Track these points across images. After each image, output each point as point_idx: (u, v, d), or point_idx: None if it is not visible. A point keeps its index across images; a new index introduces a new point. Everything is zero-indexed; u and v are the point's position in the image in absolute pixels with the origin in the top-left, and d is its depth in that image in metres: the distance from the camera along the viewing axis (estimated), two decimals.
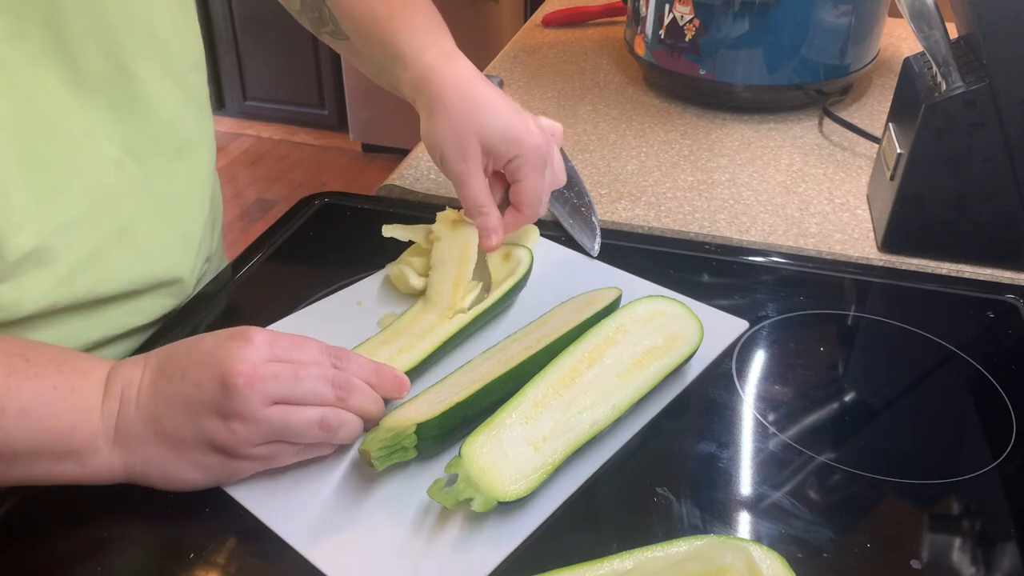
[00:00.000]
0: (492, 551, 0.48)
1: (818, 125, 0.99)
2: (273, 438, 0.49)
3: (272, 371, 0.48)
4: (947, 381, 0.62)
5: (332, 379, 0.51)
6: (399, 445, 0.50)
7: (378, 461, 0.49)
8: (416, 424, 0.50)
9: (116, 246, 0.60)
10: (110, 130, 0.59)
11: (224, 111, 3.37)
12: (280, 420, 0.48)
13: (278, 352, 0.50)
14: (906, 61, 0.77)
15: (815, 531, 0.49)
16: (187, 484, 0.50)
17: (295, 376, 0.49)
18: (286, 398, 0.49)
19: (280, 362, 0.49)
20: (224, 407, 0.47)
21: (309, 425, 0.50)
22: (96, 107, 0.57)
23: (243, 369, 0.47)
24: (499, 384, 0.54)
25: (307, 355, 0.51)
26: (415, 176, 0.89)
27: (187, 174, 0.67)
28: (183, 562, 0.48)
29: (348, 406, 0.51)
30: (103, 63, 0.57)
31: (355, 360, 0.53)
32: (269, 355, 0.49)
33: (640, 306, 0.60)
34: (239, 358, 0.48)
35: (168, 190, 0.64)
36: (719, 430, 0.57)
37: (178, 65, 0.63)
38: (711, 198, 0.84)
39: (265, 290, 0.71)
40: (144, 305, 0.65)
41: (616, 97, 1.06)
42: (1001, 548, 0.49)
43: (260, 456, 0.50)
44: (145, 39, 0.59)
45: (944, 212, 0.72)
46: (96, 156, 0.58)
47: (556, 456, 0.50)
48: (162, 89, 0.62)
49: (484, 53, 1.29)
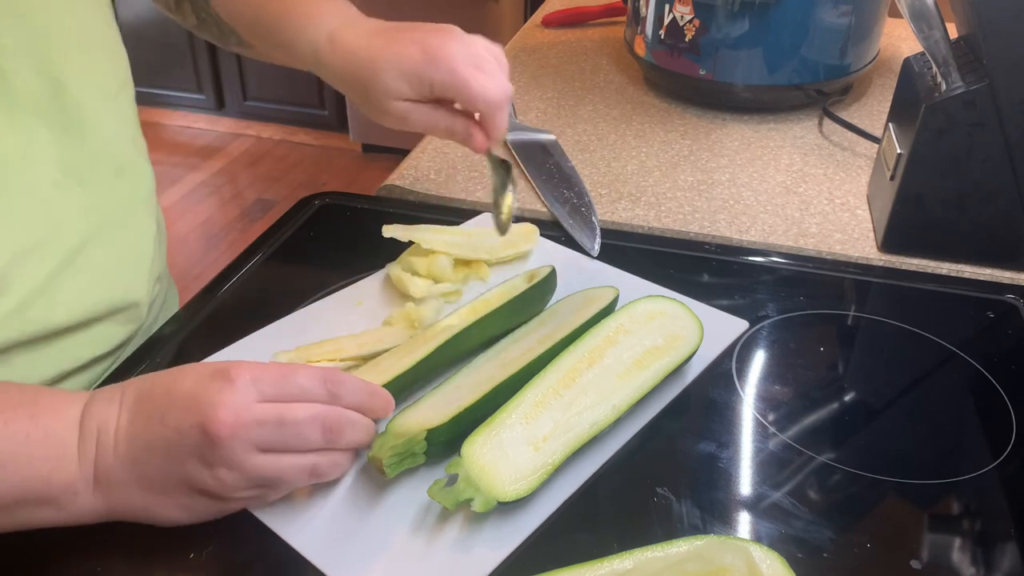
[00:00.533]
0: (492, 551, 0.48)
1: (818, 125, 0.99)
2: (260, 484, 0.47)
3: (256, 417, 0.45)
4: (947, 381, 0.62)
5: (322, 421, 0.47)
6: (410, 451, 0.49)
7: (390, 468, 0.48)
8: (427, 430, 0.50)
9: (67, 273, 0.58)
10: (47, 152, 0.56)
11: (224, 111, 3.37)
12: (267, 469, 0.46)
13: (263, 390, 0.46)
14: (906, 61, 0.77)
15: (815, 531, 0.49)
16: (173, 523, 0.48)
17: (280, 423, 0.46)
18: (271, 445, 0.46)
19: (266, 402, 0.46)
20: (207, 456, 0.45)
21: (299, 473, 0.48)
22: (31, 128, 0.55)
23: (224, 417, 0.44)
24: (507, 387, 0.54)
25: (296, 388, 0.48)
26: (415, 176, 0.89)
27: (129, 195, 0.65)
28: (183, 562, 0.48)
29: (339, 447, 0.49)
30: (37, 82, 0.55)
31: (348, 384, 0.49)
32: (254, 396, 0.46)
33: (640, 306, 0.60)
34: (220, 403, 0.45)
35: (113, 212, 0.63)
36: (719, 430, 0.57)
37: (109, 84, 0.62)
38: (711, 198, 0.84)
39: (265, 290, 0.71)
40: (100, 334, 0.62)
41: (616, 97, 1.06)
42: (1001, 548, 0.49)
43: (248, 498, 0.48)
44: (79, 56, 0.58)
45: (944, 212, 0.72)
46: (35, 180, 0.56)
47: (556, 456, 0.50)
48: (98, 108, 0.60)
49: None
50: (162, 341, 0.65)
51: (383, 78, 0.63)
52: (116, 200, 0.63)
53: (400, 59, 0.62)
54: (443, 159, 0.91)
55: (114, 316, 0.63)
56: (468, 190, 0.86)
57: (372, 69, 0.63)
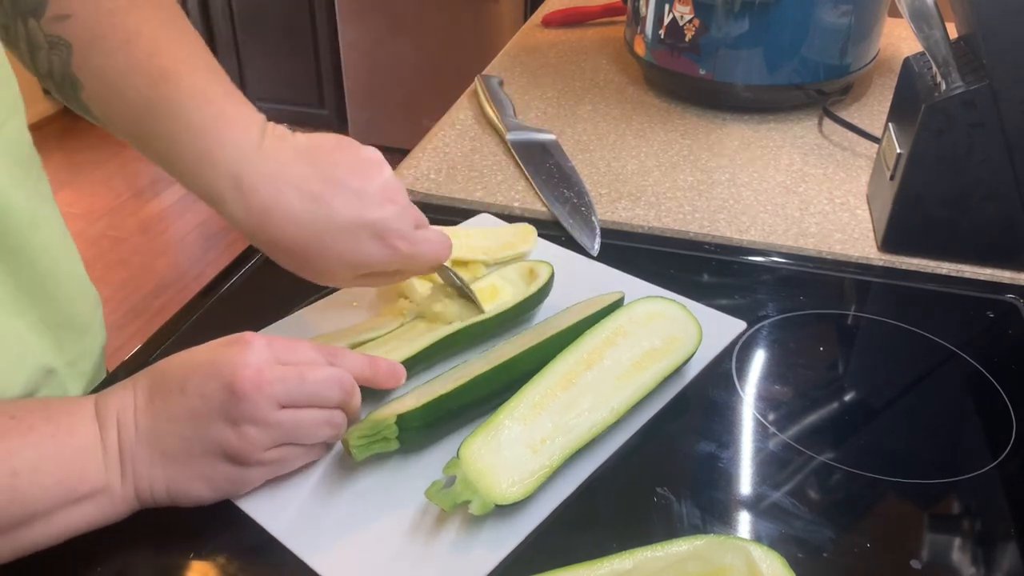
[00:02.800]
0: (490, 552, 0.48)
1: (818, 125, 0.99)
2: (283, 440, 0.49)
3: (277, 374, 0.48)
4: (947, 381, 0.62)
5: (339, 380, 0.50)
6: (380, 435, 0.50)
7: (357, 450, 0.49)
8: (397, 415, 0.50)
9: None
10: None
11: None
12: (290, 422, 0.48)
13: (278, 354, 0.49)
14: (906, 61, 0.77)
15: (815, 531, 0.49)
16: (195, 500, 0.49)
17: (301, 378, 0.49)
18: (293, 401, 0.48)
19: (282, 364, 0.49)
20: (233, 413, 0.47)
21: (320, 425, 0.50)
22: None
23: (248, 374, 0.47)
24: (485, 379, 0.54)
25: (304, 356, 0.50)
26: (415, 176, 0.89)
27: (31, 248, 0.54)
28: (183, 562, 0.48)
29: (351, 407, 0.52)
30: None
31: (348, 357, 0.53)
32: (270, 358, 0.48)
33: (638, 307, 0.60)
34: (242, 363, 0.47)
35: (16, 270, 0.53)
36: (719, 430, 0.57)
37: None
38: (711, 198, 0.84)
39: (264, 290, 0.71)
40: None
41: (616, 97, 1.06)
42: (1001, 548, 0.49)
43: (270, 460, 0.49)
44: None
45: (944, 212, 0.72)
46: None
47: (554, 459, 0.50)
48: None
49: (484, 53, 1.29)
50: (162, 341, 0.65)
51: (320, 267, 0.54)
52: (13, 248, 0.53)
53: (355, 255, 0.54)
54: (443, 159, 0.91)
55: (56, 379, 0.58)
56: (467, 190, 0.86)
57: (317, 250, 0.53)
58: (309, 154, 0.54)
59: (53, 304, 0.57)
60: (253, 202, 0.52)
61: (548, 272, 0.66)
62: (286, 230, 0.52)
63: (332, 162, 0.54)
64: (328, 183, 0.52)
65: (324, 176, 0.53)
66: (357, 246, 0.53)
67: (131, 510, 0.48)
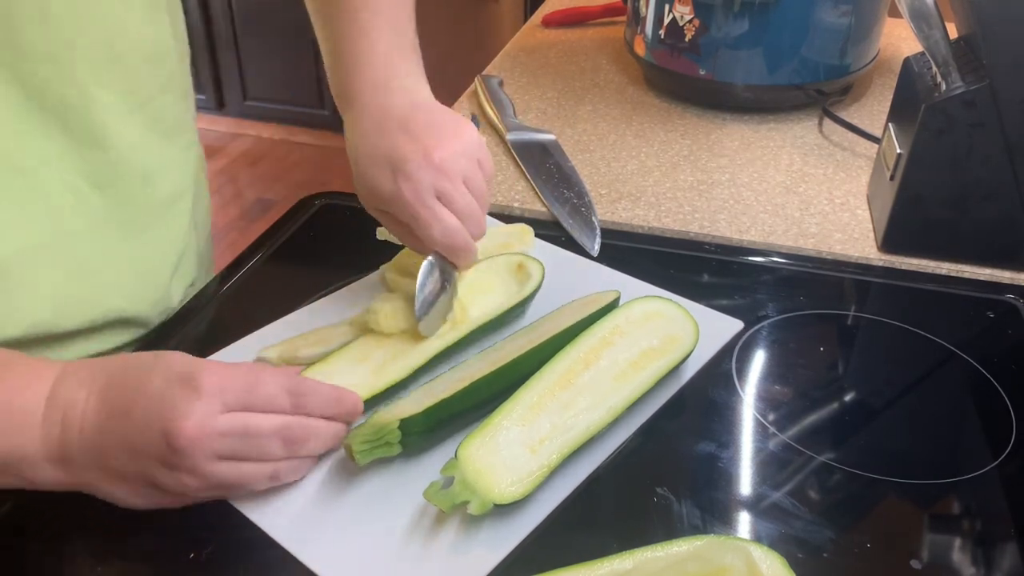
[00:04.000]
0: (489, 553, 0.48)
1: (818, 125, 0.99)
2: (219, 488, 0.48)
3: (220, 428, 0.46)
4: (947, 381, 0.62)
5: (285, 434, 0.49)
6: (383, 440, 0.50)
7: (360, 455, 0.49)
8: (400, 419, 0.50)
9: (78, 284, 0.58)
10: (67, 158, 0.56)
11: (224, 111, 3.37)
12: (228, 476, 0.48)
13: (228, 400, 0.47)
14: (906, 61, 0.77)
15: (815, 531, 0.49)
16: (132, 507, 0.48)
17: (244, 434, 0.47)
18: (233, 455, 0.47)
19: (231, 413, 0.47)
20: (169, 460, 0.46)
21: (259, 479, 0.49)
22: (51, 134, 0.54)
23: (188, 429, 0.45)
24: (486, 382, 0.54)
25: (261, 399, 0.48)
26: None
27: (155, 203, 0.63)
28: (183, 562, 0.48)
29: (300, 456, 0.51)
30: (60, 87, 0.54)
31: (314, 393, 0.50)
32: (218, 406, 0.46)
33: (636, 307, 0.60)
34: (184, 413, 0.45)
35: (134, 221, 0.61)
36: (719, 430, 0.57)
37: (143, 89, 0.60)
38: (711, 198, 0.84)
39: (264, 290, 0.71)
40: (109, 338, 0.62)
41: (616, 97, 1.06)
42: (1001, 548, 0.49)
43: (207, 498, 0.49)
44: (106, 62, 0.56)
45: (944, 212, 0.72)
46: (51, 186, 0.55)
47: (552, 458, 0.50)
48: (124, 117, 0.58)
49: (484, 53, 1.29)
50: (161, 341, 0.65)
51: (358, 185, 0.62)
52: (138, 210, 0.62)
53: (371, 180, 0.60)
54: None
55: (119, 327, 0.63)
56: None
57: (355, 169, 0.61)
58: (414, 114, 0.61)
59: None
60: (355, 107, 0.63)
61: (539, 273, 0.66)
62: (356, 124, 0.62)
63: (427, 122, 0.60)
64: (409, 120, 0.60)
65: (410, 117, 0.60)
66: (375, 169, 0.59)
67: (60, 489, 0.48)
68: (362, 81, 0.63)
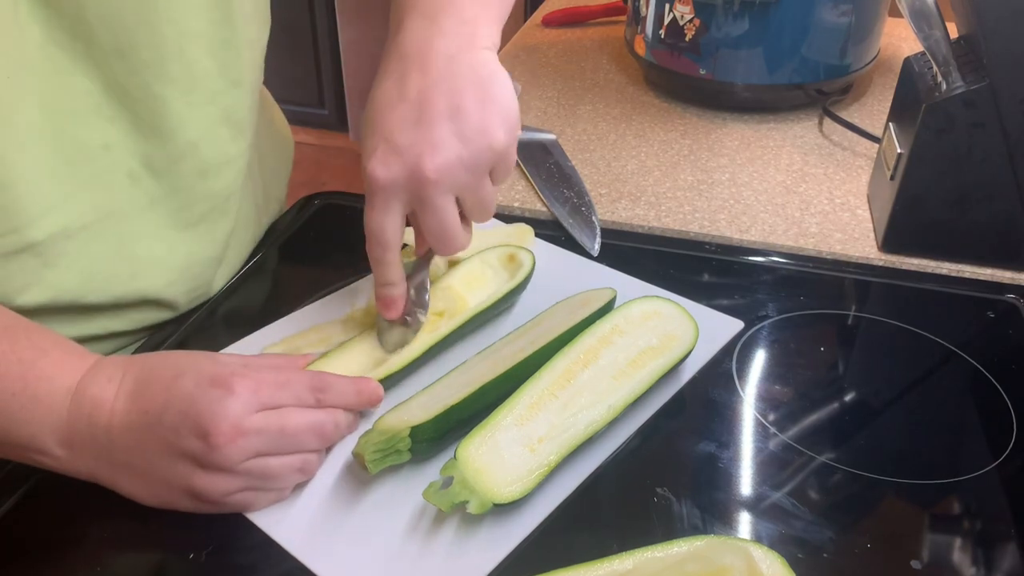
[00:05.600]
0: (489, 553, 0.47)
1: (818, 125, 0.99)
2: (251, 486, 0.49)
3: (256, 426, 0.47)
4: (947, 381, 0.62)
5: (316, 428, 0.50)
6: (393, 448, 0.49)
7: (372, 464, 0.49)
8: (411, 427, 0.50)
9: (113, 261, 0.59)
10: (130, 145, 0.57)
11: None
12: (261, 470, 0.48)
13: (263, 399, 0.48)
14: (906, 61, 0.77)
15: (815, 531, 0.49)
16: (133, 498, 0.49)
17: (280, 431, 0.48)
18: (269, 451, 0.48)
19: (265, 410, 0.48)
20: (204, 460, 0.46)
21: (290, 471, 0.50)
22: (118, 121, 0.56)
23: (225, 428, 0.46)
24: (493, 386, 0.54)
25: (291, 396, 0.49)
26: None
27: (208, 195, 0.64)
28: (183, 562, 0.48)
29: (325, 448, 0.52)
30: (127, 80, 0.55)
31: (336, 388, 0.52)
32: (254, 405, 0.47)
33: (635, 306, 0.60)
34: (221, 414, 0.46)
35: (185, 211, 0.62)
36: (719, 430, 0.56)
37: (210, 85, 0.60)
38: (711, 198, 0.84)
39: (265, 290, 0.71)
40: (133, 316, 0.63)
41: (616, 97, 1.06)
42: (1001, 548, 0.49)
43: (232, 504, 0.49)
44: (173, 61, 0.56)
45: (944, 212, 0.72)
46: (110, 169, 0.57)
47: (552, 458, 0.50)
48: (187, 110, 0.59)
49: None
50: (162, 341, 0.65)
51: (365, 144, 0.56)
52: (190, 200, 0.62)
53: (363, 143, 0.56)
54: None
55: (149, 306, 0.64)
56: None
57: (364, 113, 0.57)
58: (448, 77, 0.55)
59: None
60: None
61: (530, 261, 0.66)
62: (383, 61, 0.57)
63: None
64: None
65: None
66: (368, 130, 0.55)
67: (80, 477, 0.49)
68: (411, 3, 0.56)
